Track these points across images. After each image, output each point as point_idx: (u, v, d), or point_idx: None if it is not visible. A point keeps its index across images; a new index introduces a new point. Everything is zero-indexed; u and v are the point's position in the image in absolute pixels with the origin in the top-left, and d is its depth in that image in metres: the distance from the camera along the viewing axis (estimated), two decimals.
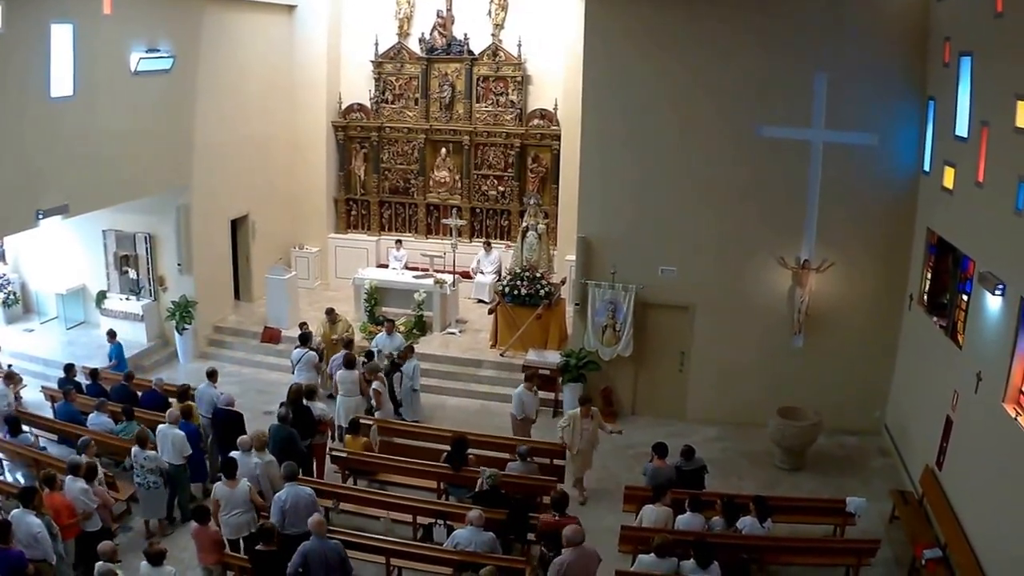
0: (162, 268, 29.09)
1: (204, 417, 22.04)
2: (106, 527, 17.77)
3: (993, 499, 16.60)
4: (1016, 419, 15.83)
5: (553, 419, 24.80)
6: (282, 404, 20.82)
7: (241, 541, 17.45)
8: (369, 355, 25.04)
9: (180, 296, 28.34)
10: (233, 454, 18.25)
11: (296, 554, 15.17)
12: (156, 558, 14.78)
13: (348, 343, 24.94)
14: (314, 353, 24.80)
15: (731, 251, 24.64)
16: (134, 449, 19.12)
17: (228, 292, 31.54)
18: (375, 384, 22.85)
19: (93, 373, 23.12)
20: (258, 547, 15.43)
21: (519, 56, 32.14)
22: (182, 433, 19.71)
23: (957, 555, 17.20)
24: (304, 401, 21.03)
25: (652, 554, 15.83)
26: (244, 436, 18.73)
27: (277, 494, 17.10)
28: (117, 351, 25.92)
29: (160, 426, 19.96)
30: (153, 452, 19.21)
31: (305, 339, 25.12)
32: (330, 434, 22.21)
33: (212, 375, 22.98)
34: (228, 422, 21.03)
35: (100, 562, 14.63)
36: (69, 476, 17.17)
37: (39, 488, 16.50)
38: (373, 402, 22.97)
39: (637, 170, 24.65)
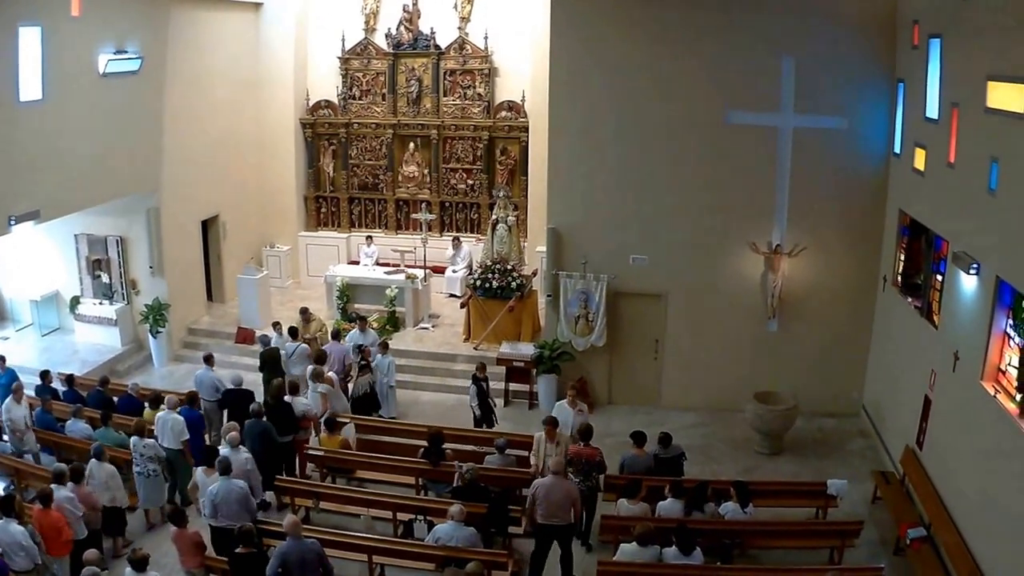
0: (134, 271, 28.88)
1: (205, 401, 22.56)
2: (95, 530, 17.79)
3: (975, 476, 16.69)
4: (995, 396, 15.90)
5: (529, 411, 24.87)
6: (259, 401, 20.87)
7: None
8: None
9: (153, 299, 28.13)
10: (221, 449, 18.36)
11: (273, 557, 15.11)
12: (139, 564, 14.64)
13: (336, 334, 24.97)
14: (306, 346, 24.79)
15: (702, 238, 24.67)
16: (133, 439, 19.27)
17: (201, 293, 31.34)
18: (321, 387, 22.55)
19: (69, 379, 22.95)
20: (238, 550, 15.30)
21: (486, 49, 32.14)
22: (180, 418, 20.04)
23: (942, 533, 17.32)
24: (286, 397, 21.09)
25: (634, 543, 15.85)
26: (233, 433, 18.66)
27: (209, 487, 17.20)
28: (7, 381, 23.04)
29: (159, 413, 20.33)
30: (152, 440, 19.37)
31: (293, 332, 25.12)
32: (313, 430, 22.02)
33: (209, 359, 23.51)
34: (240, 400, 21.69)
35: (86, 568, 14.55)
36: (54, 484, 17.01)
37: (18, 496, 16.43)
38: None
39: (606, 159, 24.66)
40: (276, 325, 25.81)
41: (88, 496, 17.54)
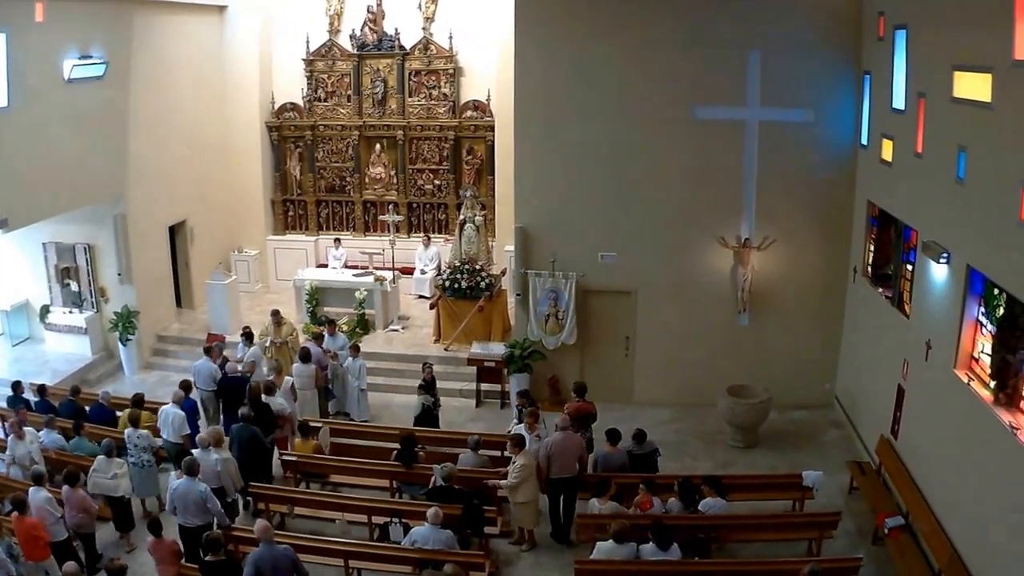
0: (103, 279, 28.67)
1: (202, 391, 23.11)
2: (90, 532, 18.09)
3: (951, 464, 16.78)
4: (969, 384, 15.97)
5: (501, 410, 24.83)
6: (244, 403, 20.90)
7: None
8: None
9: (122, 306, 27.94)
10: (194, 451, 18.48)
11: (247, 564, 14.95)
12: (116, 574, 14.57)
13: (318, 337, 25.12)
14: (258, 348, 24.94)
15: (671, 233, 24.71)
16: (127, 430, 19.83)
17: (170, 300, 31.08)
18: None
19: (41, 389, 22.77)
20: (207, 558, 15.14)
21: (450, 48, 32.14)
22: (181, 413, 20.89)
23: (919, 521, 17.43)
24: (263, 397, 21.09)
25: (610, 540, 15.84)
26: (202, 434, 19.00)
27: (172, 484, 17.40)
28: None
29: (163, 407, 21.12)
30: (145, 431, 19.80)
31: (249, 336, 25.22)
32: (291, 428, 21.85)
33: (209, 351, 23.87)
34: (235, 388, 22.44)
35: None
36: (32, 487, 17.03)
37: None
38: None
39: (573, 157, 24.66)
40: (246, 329, 25.64)
41: (83, 500, 17.66)
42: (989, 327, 15.89)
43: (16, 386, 22.44)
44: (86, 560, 17.96)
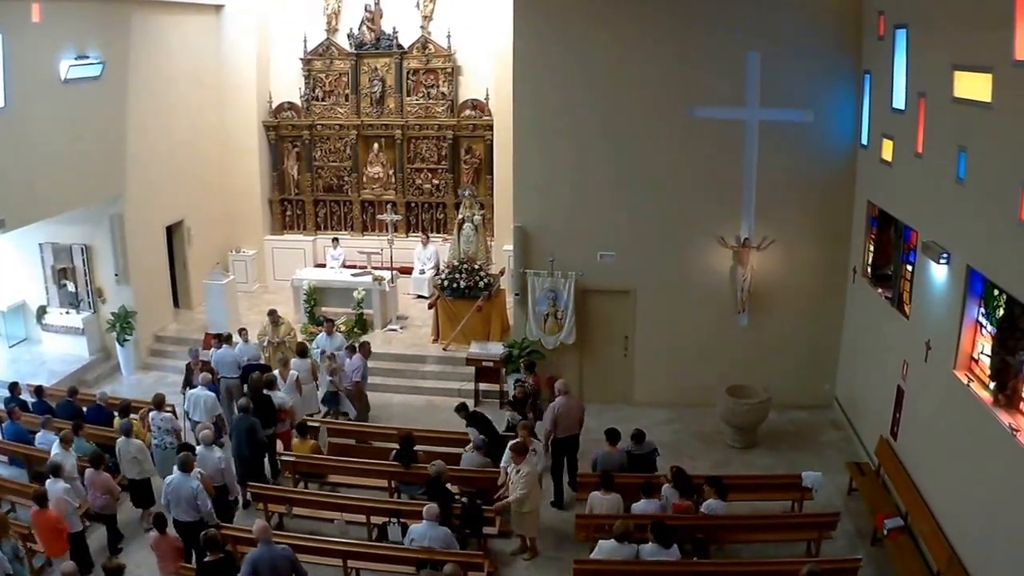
0: (100, 279, 28.56)
1: (227, 379, 23.52)
2: (112, 514, 18.50)
3: (950, 465, 16.72)
4: (968, 385, 15.92)
5: (500, 410, 24.71)
6: (243, 395, 21.15)
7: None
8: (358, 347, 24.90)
9: (119, 307, 27.83)
10: (197, 447, 18.53)
11: (244, 563, 14.92)
12: (114, 573, 14.53)
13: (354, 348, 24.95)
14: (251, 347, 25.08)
15: (670, 233, 24.67)
16: (152, 413, 20.77)
17: (167, 300, 30.99)
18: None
19: (38, 390, 22.70)
20: (206, 558, 15.10)
21: (449, 47, 32.09)
22: (212, 395, 21.80)
23: (918, 522, 17.41)
24: (264, 391, 21.19)
25: (612, 540, 15.80)
26: (206, 431, 18.93)
27: (167, 477, 17.54)
28: None
29: (191, 390, 22.25)
30: (168, 414, 20.49)
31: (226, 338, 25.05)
32: (292, 422, 21.78)
33: (228, 339, 24.30)
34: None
35: None
36: (50, 479, 17.19)
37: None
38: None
39: (571, 156, 24.64)
40: (242, 331, 25.55)
41: (107, 482, 18.01)
42: (989, 328, 15.84)
43: (13, 387, 22.35)
44: (108, 541, 18.63)
